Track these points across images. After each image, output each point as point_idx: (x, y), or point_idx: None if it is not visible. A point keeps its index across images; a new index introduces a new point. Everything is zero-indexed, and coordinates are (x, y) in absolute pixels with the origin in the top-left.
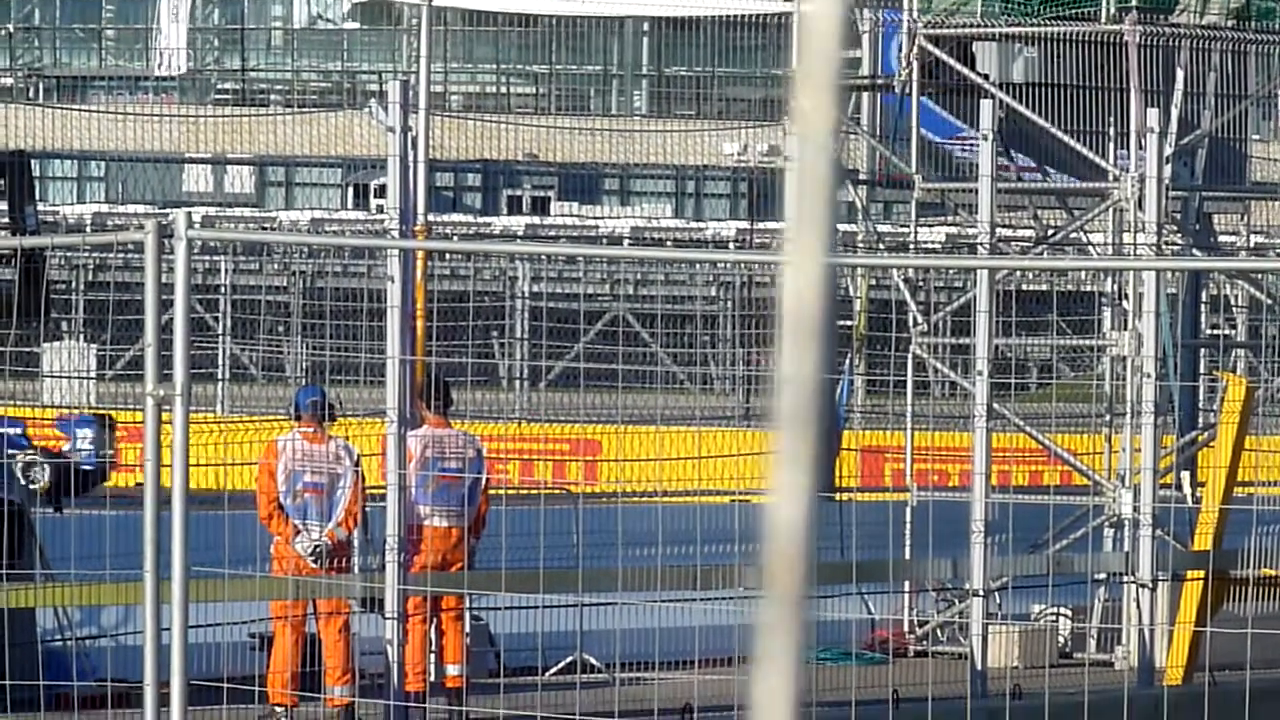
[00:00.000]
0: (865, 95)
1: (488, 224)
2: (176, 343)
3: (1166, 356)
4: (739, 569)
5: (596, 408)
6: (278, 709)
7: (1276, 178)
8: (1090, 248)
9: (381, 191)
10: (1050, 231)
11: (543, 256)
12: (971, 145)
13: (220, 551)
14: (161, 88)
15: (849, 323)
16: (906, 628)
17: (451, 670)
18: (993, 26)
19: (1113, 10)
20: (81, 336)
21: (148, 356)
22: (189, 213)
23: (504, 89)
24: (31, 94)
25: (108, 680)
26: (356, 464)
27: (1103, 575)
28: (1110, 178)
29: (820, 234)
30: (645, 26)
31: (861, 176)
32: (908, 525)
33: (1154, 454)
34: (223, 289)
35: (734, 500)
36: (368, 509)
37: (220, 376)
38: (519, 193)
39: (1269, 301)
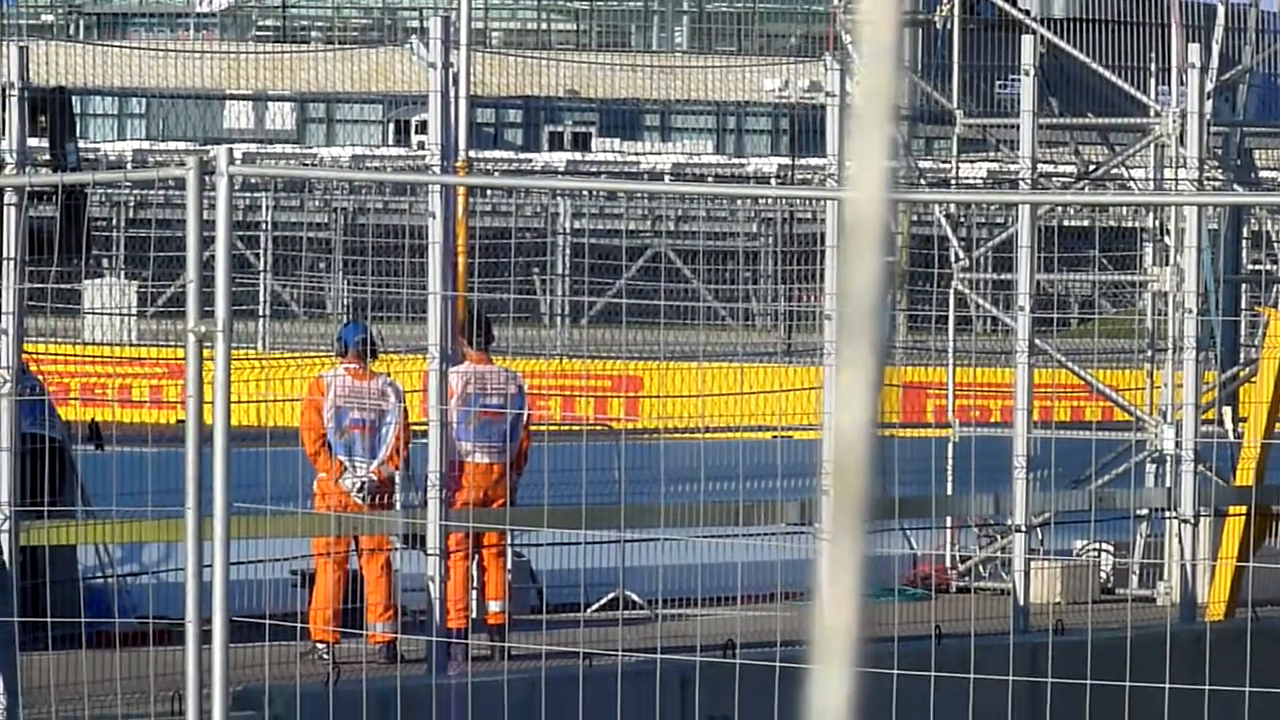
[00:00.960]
0: (907, 31)
1: (529, 160)
2: (218, 279)
3: (1208, 291)
4: (780, 505)
5: (638, 344)
6: (319, 645)
7: None
8: (1131, 183)
9: (422, 128)
10: (1091, 167)
11: (584, 192)
12: (1013, 81)
13: (262, 488)
14: (202, 24)
15: (890, 259)
16: (949, 564)
17: (493, 607)
18: None
19: None
20: (122, 274)
21: (189, 293)
22: (230, 149)
23: (544, 25)
24: (72, 31)
25: (149, 617)
26: (401, 401)
27: (1144, 511)
28: (1151, 113)
29: (882, 141)
30: None
31: (902, 112)
32: (950, 461)
33: (1195, 389)
34: (264, 225)
35: (776, 436)
36: (411, 445)
37: (261, 313)
38: (560, 129)
39: None
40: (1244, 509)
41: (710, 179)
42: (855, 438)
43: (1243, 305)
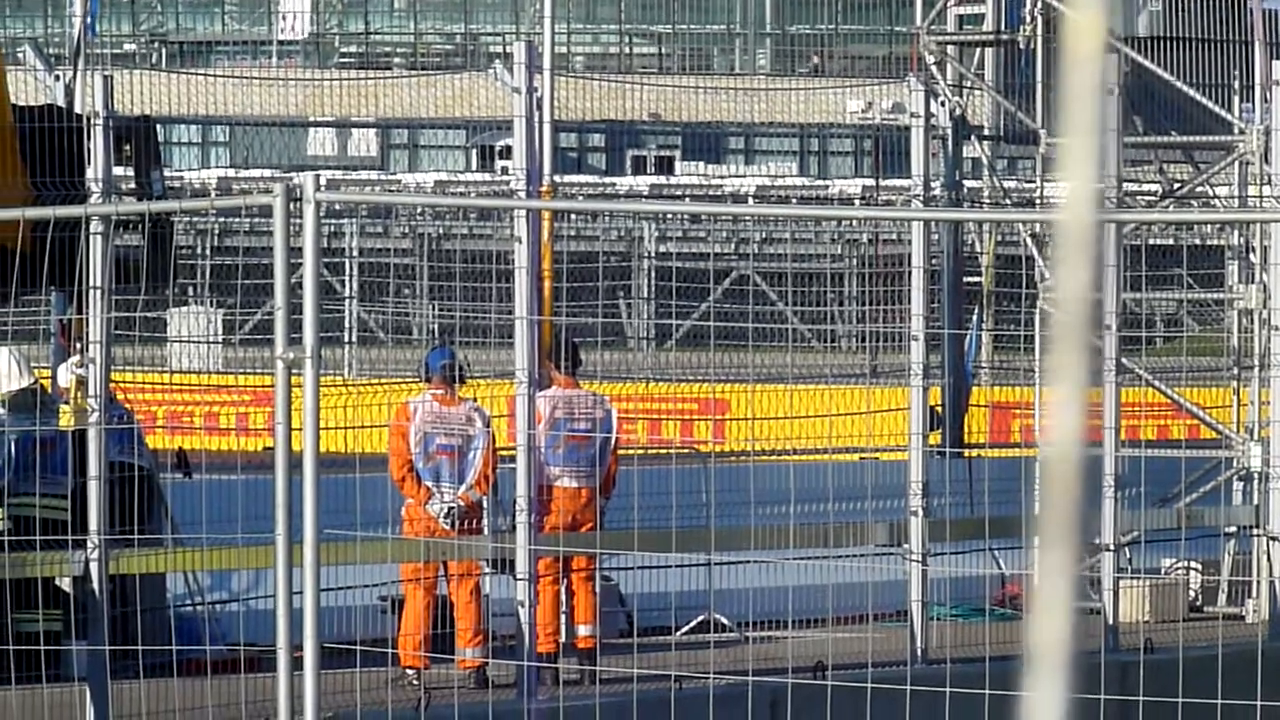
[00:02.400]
0: (990, 50)
1: (612, 184)
2: (306, 305)
3: None
4: (869, 526)
5: (724, 366)
6: (409, 671)
7: None
8: (1216, 201)
9: (506, 153)
10: (1176, 185)
11: (668, 216)
12: None
13: (351, 515)
14: (284, 52)
15: (976, 278)
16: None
17: (583, 630)
18: None
19: None
20: (208, 301)
21: (277, 320)
22: (317, 175)
23: (627, 49)
24: (155, 60)
25: (240, 645)
26: (488, 426)
27: (1232, 528)
28: (1235, 130)
29: (1093, 151)
30: None
31: (986, 132)
32: (1037, 481)
33: None
34: (348, 252)
35: (863, 458)
36: (498, 470)
37: (348, 339)
38: (643, 153)
39: None
40: None
41: (794, 201)
42: (1068, 447)
43: None
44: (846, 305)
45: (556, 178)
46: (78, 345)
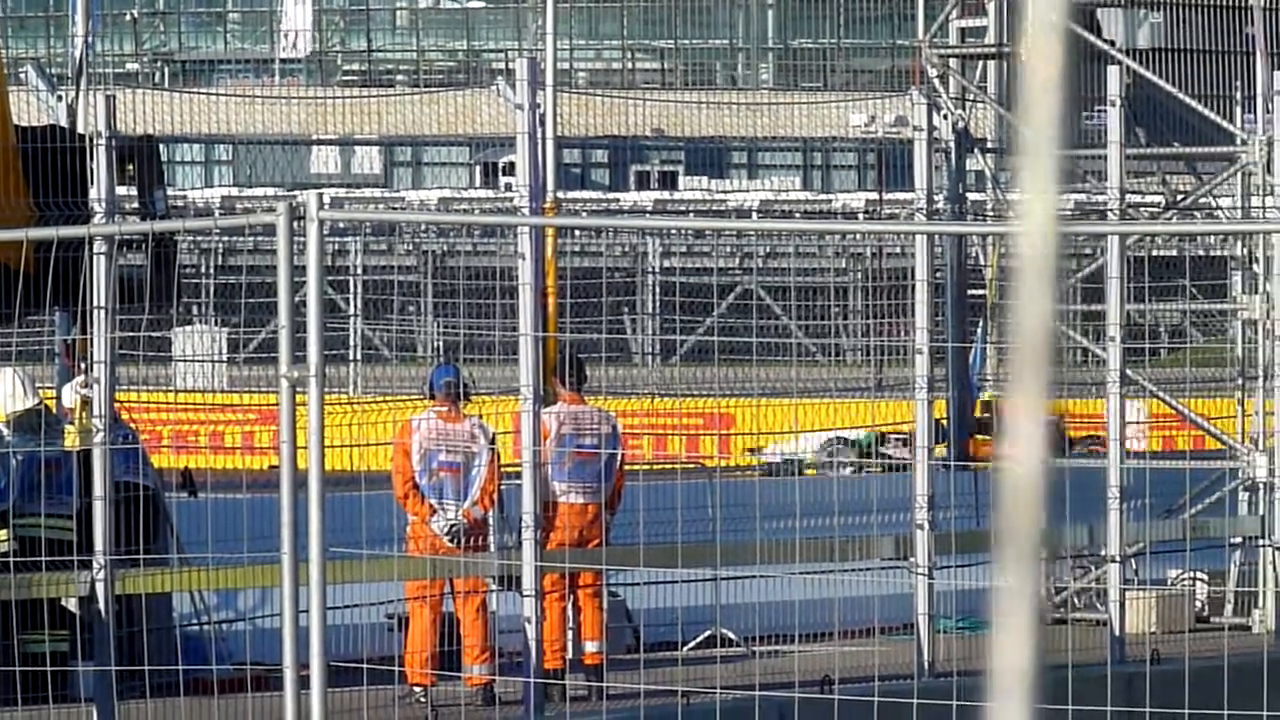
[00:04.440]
0: (992, 63)
1: (616, 200)
2: (311, 324)
3: None
4: (876, 539)
5: (729, 381)
6: (416, 689)
7: None
8: (1219, 211)
9: (510, 169)
10: (1179, 196)
11: (672, 231)
12: (1100, 112)
13: (357, 533)
14: (287, 70)
15: (981, 291)
16: (1044, 595)
17: (590, 647)
18: None
19: None
20: (212, 320)
21: (281, 339)
22: (321, 194)
23: (630, 64)
24: (158, 79)
25: (246, 664)
26: (492, 442)
27: (1238, 539)
28: (1238, 141)
29: (1051, 177)
30: None
31: (989, 145)
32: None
33: None
34: (353, 269)
35: (869, 472)
36: (503, 487)
37: (353, 358)
38: (647, 168)
39: None
40: None
41: (798, 215)
42: (1028, 473)
43: None
44: (851, 319)
45: (560, 194)
46: (82, 365)
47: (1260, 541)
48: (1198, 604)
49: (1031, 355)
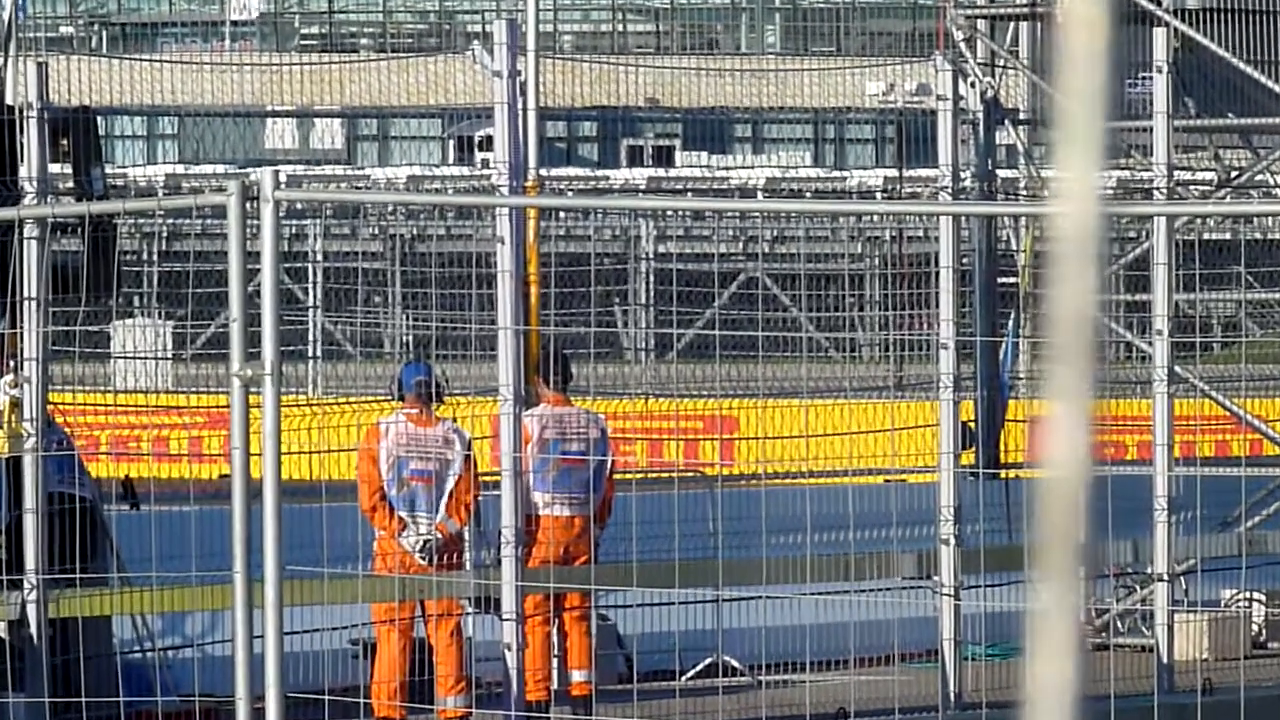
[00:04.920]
0: (1024, 25)
1: (606, 177)
2: (265, 317)
3: None
4: (896, 556)
5: (732, 380)
6: None
7: None
8: (1278, 190)
9: (487, 144)
10: (1233, 173)
11: (668, 212)
12: (1145, 79)
13: (317, 549)
14: (239, 34)
15: (1012, 279)
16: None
17: (577, 676)
18: None
19: None
20: (156, 313)
21: (233, 333)
22: (277, 171)
23: (621, 27)
24: (95, 44)
25: (194, 695)
26: (468, 449)
27: None
28: None
29: (1092, 151)
30: None
31: (1022, 115)
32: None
33: None
34: (312, 256)
35: (888, 480)
36: (481, 498)
37: (312, 354)
38: (640, 142)
39: None
40: None
41: (808, 194)
42: (1068, 481)
43: None
44: (867, 310)
45: (543, 171)
46: (11, 363)
47: None
48: (1254, 627)
49: (1070, 349)
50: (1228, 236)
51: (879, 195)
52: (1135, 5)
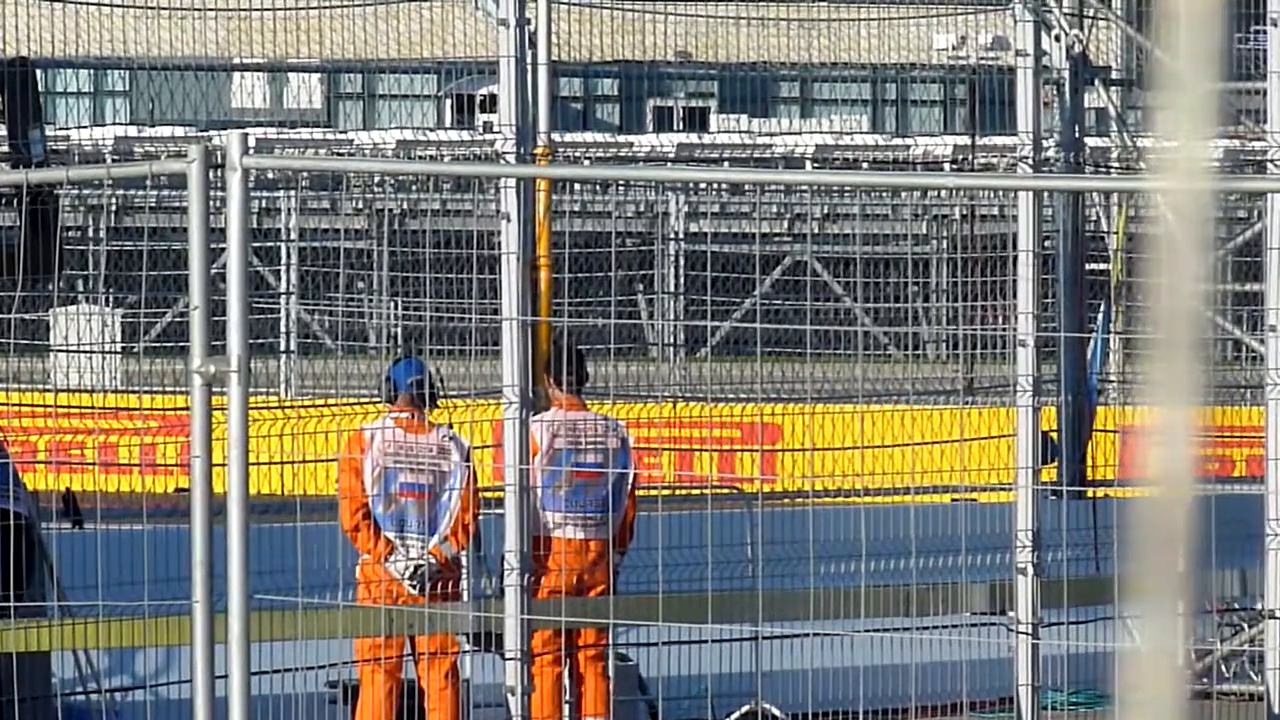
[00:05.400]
0: None
1: (629, 144)
2: (231, 305)
3: None
4: (965, 588)
5: (774, 381)
6: None
7: None
8: None
9: (490, 104)
10: None
11: (700, 185)
12: (1259, 33)
13: (290, 575)
14: None
15: (1102, 266)
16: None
17: None
18: None
19: None
20: (103, 299)
21: (194, 322)
22: (245, 134)
23: None
24: None
25: None
26: (467, 459)
27: None
28: None
29: (1205, 122)
30: None
31: (1114, 74)
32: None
33: None
34: (285, 234)
35: (956, 499)
36: (481, 518)
37: (285, 348)
38: (669, 103)
39: None
40: None
41: (865, 165)
42: (1172, 490)
43: None
44: (933, 301)
45: (555, 136)
46: None
47: None
48: None
49: (1173, 347)
50: None
51: (947, 167)
52: None
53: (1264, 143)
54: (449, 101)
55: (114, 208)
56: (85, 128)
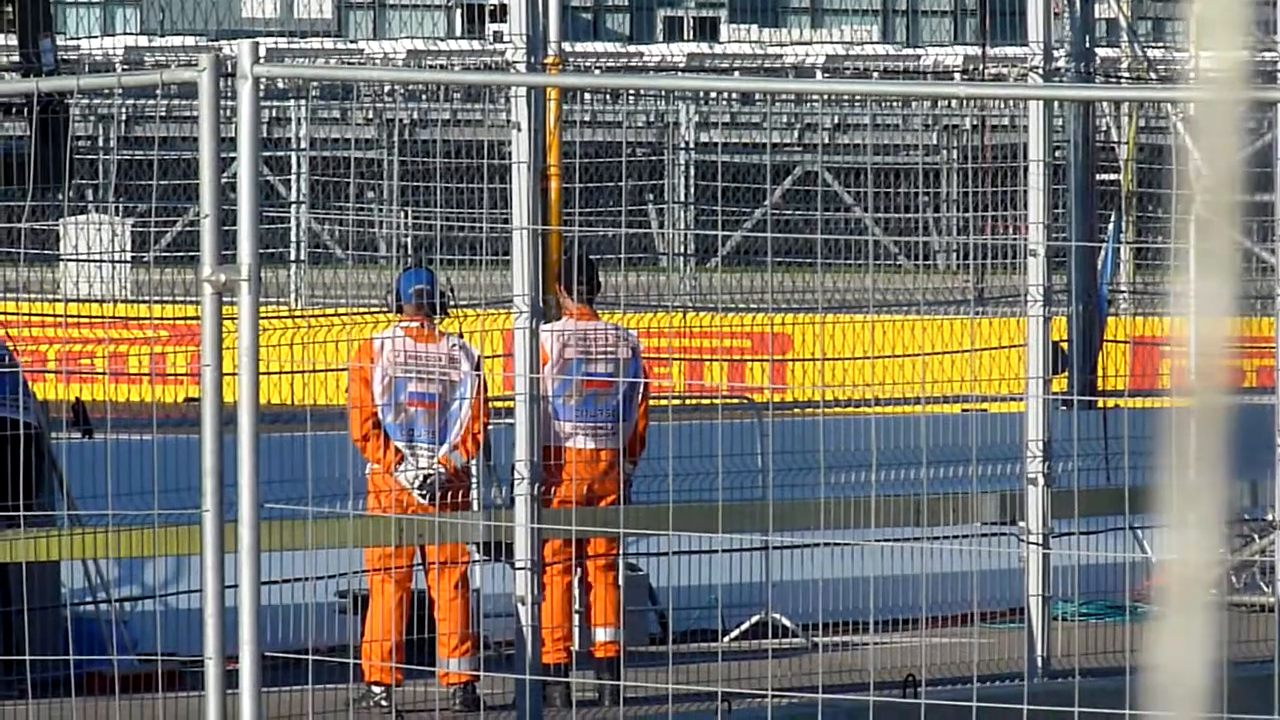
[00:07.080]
0: None
1: (639, 54)
2: (242, 214)
3: None
4: (975, 498)
5: (785, 291)
6: (376, 689)
7: None
8: None
9: (500, 13)
10: None
11: (711, 94)
12: None
13: (300, 485)
14: None
15: (1113, 176)
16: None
17: (602, 636)
18: None
19: None
20: (113, 209)
21: (204, 232)
22: (256, 44)
23: None
24: None
25: (156, 655)
26: (477, 369)
27: None
28: None
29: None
30: None
31: None
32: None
33: None
34: (295, 143)
35: (967, 409)
36: (491, 427)
37: (296, 257)
38: (679, 12)
39: None
40: None
41: (875, 75)
42: (1208, 404)
43: None
44: (944, 211)
45: (565, 45)
46: None
47: None
48: None
49: (1218, 217)
50: None
51: (958, 77)
52: None
53: (1274, 53)
54: (459, 11)
55: (124, 117)
56: (95, 37)
